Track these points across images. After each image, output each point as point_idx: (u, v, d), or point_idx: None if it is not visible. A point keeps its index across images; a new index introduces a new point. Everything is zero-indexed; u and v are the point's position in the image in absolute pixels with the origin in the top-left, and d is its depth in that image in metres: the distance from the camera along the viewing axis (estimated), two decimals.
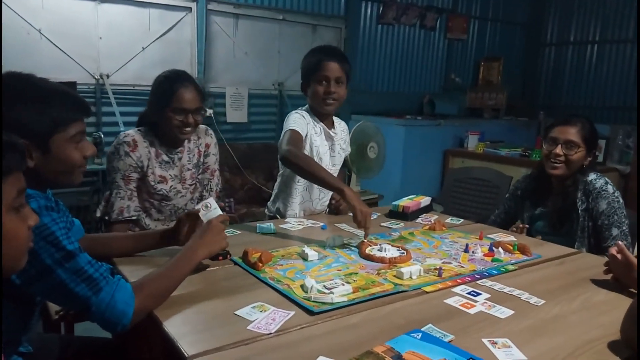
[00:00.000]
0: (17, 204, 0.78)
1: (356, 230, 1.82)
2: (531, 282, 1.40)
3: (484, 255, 1.61)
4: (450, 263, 1.51)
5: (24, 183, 0.80)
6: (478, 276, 1.42)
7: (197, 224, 1.40)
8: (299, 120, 1.97)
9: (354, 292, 1.24)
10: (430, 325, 1.09)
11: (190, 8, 3.94)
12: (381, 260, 1.49)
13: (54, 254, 0.98)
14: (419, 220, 2.05)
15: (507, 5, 6.25)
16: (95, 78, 3.59)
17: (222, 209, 1.40)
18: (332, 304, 1.16)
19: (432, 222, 1.96)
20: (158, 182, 1.92)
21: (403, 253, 1.54)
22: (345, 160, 2.19)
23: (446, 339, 1.03)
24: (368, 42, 5.15)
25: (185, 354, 0.93)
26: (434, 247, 1.68)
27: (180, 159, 1.99)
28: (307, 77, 2.02)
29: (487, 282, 1.38)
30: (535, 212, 2.08)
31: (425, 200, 2.19)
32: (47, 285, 0.99)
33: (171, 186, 1.95)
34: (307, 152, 1.99)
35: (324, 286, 1.24)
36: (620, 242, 1.42)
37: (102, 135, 3.39)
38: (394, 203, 2.09)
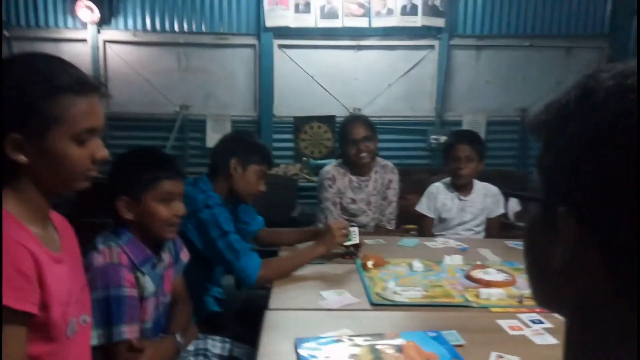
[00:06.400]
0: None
1: (487, 256, 1.95)
2: None
3: None
4: None
5: None
6: None
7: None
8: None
9: (422, 298, 1.49)
10: (453, 331, 1.26)
11: (433, 46, 4.39)
12: (478, 281, 1.63)
13: (216, 230, 1.63)
14: None
15: None
16: (349, 111, 4.43)
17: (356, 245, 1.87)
18: (392, 300, 1.45)
19: None
20: (349, 203, 2.50)
21: (508, 278, 1.64)
22: None
23: (455, 343, 1.20)
24: None
25: (269, 306, 1.43)
26: None
27: (367, 186, 2.52)
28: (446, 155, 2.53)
29: None
30: None
31: None
32: (212, 251, 1.65)
33: (359, 207, 2.49)
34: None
35: (402, 289, 1.53)
36: None
37: None
38: None
